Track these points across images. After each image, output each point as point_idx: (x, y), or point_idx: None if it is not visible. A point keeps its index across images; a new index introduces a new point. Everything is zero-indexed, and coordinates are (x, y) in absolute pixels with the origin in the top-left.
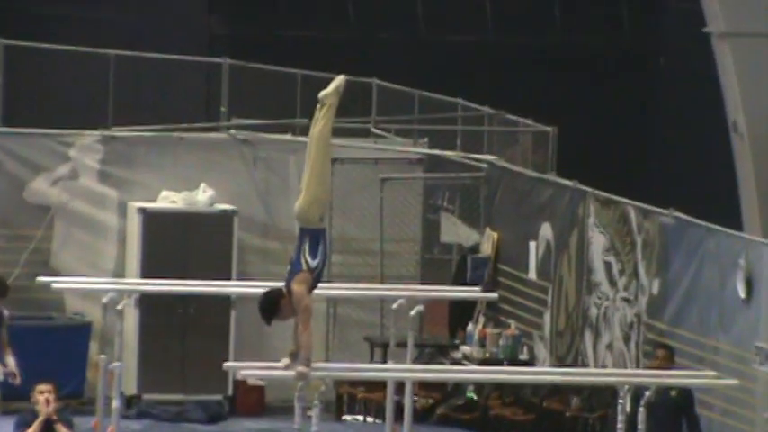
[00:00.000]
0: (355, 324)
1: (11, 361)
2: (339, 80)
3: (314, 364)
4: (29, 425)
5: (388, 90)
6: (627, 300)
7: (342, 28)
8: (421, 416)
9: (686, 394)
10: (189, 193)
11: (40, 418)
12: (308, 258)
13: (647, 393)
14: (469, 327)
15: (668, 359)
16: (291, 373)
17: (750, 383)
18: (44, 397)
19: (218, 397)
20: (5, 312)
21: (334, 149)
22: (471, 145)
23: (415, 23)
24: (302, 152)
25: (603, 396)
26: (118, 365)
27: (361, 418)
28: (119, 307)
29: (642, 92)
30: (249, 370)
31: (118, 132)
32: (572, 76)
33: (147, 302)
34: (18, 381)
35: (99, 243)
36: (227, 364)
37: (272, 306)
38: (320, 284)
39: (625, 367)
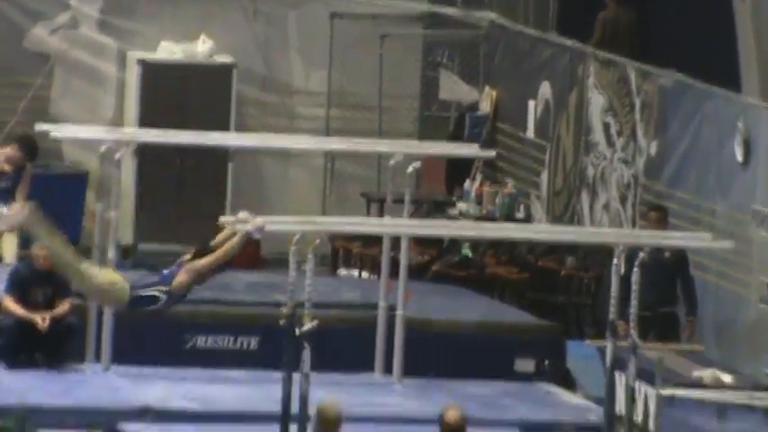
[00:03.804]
0: (352, 179)
1: (14, 206)
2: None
3: (310, 218)
4: (24, 279)
5: None
6: (624, 161)
7: None
8: (416, 272)
9: (681, 256)
10: (188, 45)
11: (36, 321)
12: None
13: (641, 254)
14: (466, 184)
15: (661, 221)
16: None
17: (746, 246)
18: (43, 252)
19: None
20: (30, 168)
21: (335, 4)
22: (472, 2)
23: None
24: (303, 6)
25: (599, 256)
26: (114, 215)
27: (356, 272)
28: (116, 157)
29: None
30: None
31: None
32: None
33: (145, 153)
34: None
35: (98, 92)
36: (222, 218)
37: None
38: (316, 138)
39: (621, 228)
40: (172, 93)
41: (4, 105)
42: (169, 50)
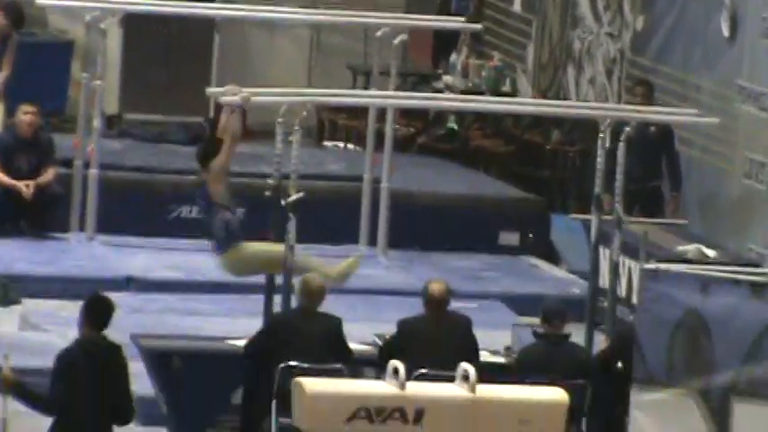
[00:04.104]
0: (338, 52)
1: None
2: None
3: (297, 90)
4: (8, 147)
5: None
6: (611, 35)
7: None
8: (401, 145)
9: (666, 131)
10: None
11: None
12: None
13: (627, 129)
14: (453, 57)
15: (647, 96)
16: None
17: (731, 122)
18: (28, 118)
19: (200, 119)
20: (16, 36)
21: None
22: None
23: None
24: None
25: (584, 130)
26: (99, 84)
27: (341, 144)
28: (102, 26)
29: None
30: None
31: None
32: None
33: (131, 22)
34: None
35: None
36: (209, 90)
37: None
38: (302, 9)
39: (607, 102)
40: None
41: None
42: None
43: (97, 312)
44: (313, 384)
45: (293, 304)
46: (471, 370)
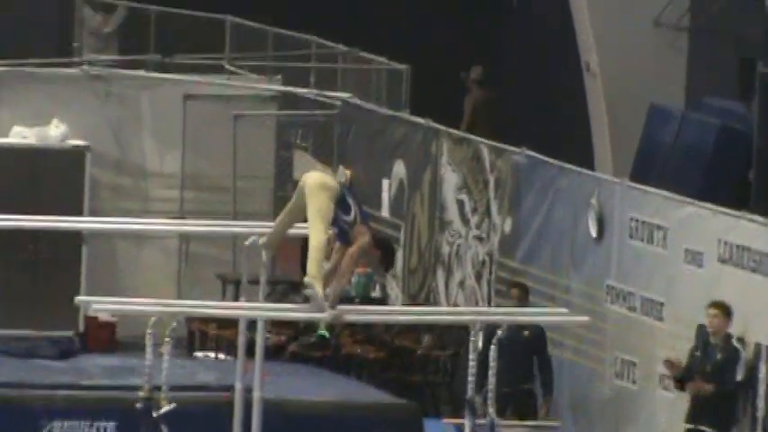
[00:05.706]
0: (207, 261)
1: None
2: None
3: (166, 300)
4: None
5: (241, 27)
6: (479, 238)
7: None
8: (273, 353)
9: (539, 335)
10: (41, 129)
11: None
12: (344, 218)
13: (499, 332)
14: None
15: (522, 298)
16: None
17: (601, 322)
18: None
19: (69, 333)
20: None
21: (188, 85)
22: (325, 83)
23: None
24: (156, 88)
25: (455, 334)
26: None
27: (212, 354)
28: None
29: (495, 31)
30: (101, 305)
31: None
32: (426, 15)
33: None
34: None
35: None
36: (78, 298)
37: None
38: (170, 221)
39: (477, 305)
40: (25, 177)
41: None
42: (22, 135)
43: None
44: None
45: None
46: None
